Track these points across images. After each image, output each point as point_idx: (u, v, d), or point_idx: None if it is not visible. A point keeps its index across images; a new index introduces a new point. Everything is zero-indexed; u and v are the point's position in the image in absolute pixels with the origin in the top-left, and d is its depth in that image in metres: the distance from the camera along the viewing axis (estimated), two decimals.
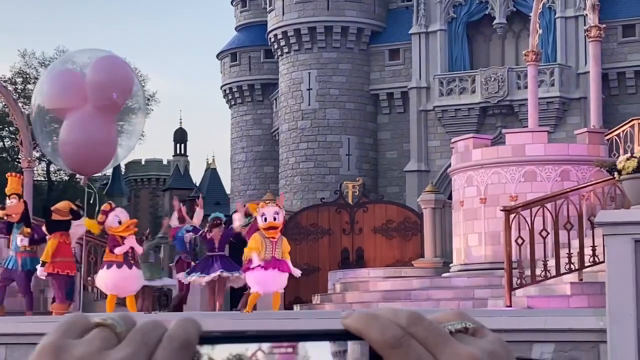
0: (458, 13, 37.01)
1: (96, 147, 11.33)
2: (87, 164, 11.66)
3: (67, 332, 0.84)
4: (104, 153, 11.49)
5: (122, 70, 11.72)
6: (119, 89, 11.30)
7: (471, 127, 34.63)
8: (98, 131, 11.23)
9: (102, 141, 11.30)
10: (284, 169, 39.82)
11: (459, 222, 18.98)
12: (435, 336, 0.85)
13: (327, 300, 19.50)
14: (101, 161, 11.66)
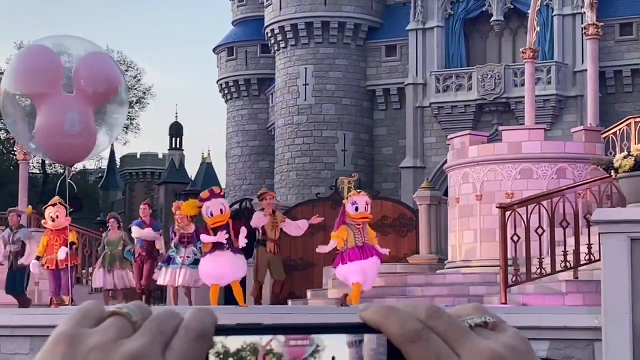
0: (455, 10, 37.00)
1: (77, 137, 11.26)
2: (80, 153, 11.61)
3: (81, 321, 0.83)
4: (84, 143, 11.43)
5: (109, 66, 11.69)
6: (105, 82, 11.25)
7: (467, 124, 34.62)
8: (92, 121, 11.19)
9: (83, 131, 11.24)
10: (279, 164, 39.80)
11: (454, 219, 18.98)
12: (454, 330, 0.84)
13: (321, 296, 19.49)
14: (82, 151, 11.60)
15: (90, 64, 11.24)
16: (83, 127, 10.99)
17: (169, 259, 14.29)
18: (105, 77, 11.29)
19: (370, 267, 13.15)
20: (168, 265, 14.22)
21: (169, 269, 14.18)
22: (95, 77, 11.13)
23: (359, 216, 13.16)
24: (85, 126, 10.97)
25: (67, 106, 11.05)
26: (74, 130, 11.07)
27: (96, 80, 11.15)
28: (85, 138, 11.08)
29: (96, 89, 11.17)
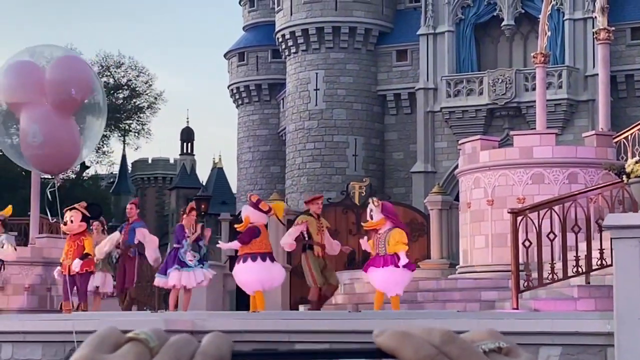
0: (466, 14, 36.98)
1: (61, 146, 11.20)
2: (53, 163, 11.54)
3: (99, 346, 0.83)
4: (69, 152, 11.36)
5: (81, 69, 11.57)
6: (77, 87, 11.11)
7: (478, 129, 34.59)
8: (62, 130, 11.09)
9: (67, 140, 11.16)
10: (290, 169, 39.82)
11: (465, 224, 18.94)
12: (468, 356, 0.84)
13: (331, 301, 19.47)
14: (67, 160, 11.54)
15: (56, 68, 11.11)
16: (46, 138, 10.87)
17: (181, 261, 14.20)
18: (73, 81, 11.08)
19: (385, 276, 13.05)
20: (182, 268, 14.15)
21: (183, 272, 14.10)
22: (61, 82, 10.96)
23: (367, 226, 13.21)
24: (49, 136, 10.85)
25: (32, 117, 10.99)
26: (35, 142, 11.00)
27: (62, 85, 10.96)
28: (50, 148, 10.95)
29: (62, 94, 10.98)
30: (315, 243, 13.90)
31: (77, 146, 11.28)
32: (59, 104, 10.99)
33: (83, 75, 11.38)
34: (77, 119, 11.30)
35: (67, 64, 11.34)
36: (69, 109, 11.13)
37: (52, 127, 10.95)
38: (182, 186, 62.36)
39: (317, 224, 14.07)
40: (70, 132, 11.05)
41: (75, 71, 11.24)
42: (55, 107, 10.99)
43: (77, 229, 14.42)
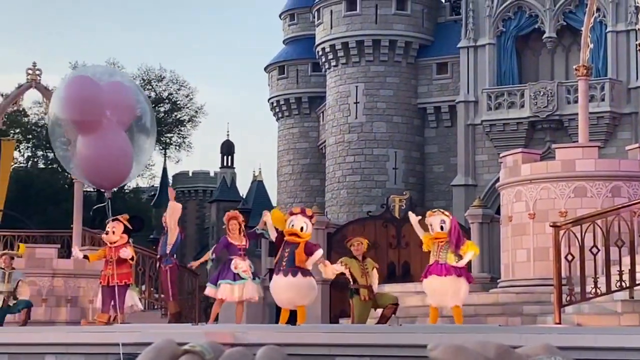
0: (507, 27, 36.83)
1: (116, 161, 11.35)
2: (107, 178, 11.68)
3: (156, 358, 0.84)
4: (122, 168, 11.50)
5: (128, 90, 11.73)
6: (127, 107, 11.31)
7: (519, 142, 34.41)
8: (117, 146, 11.24)
9: (121, 156, 11.31)
10: (330, 182, 39.82)
11: (507, 238, 18.82)
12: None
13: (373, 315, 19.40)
14: (119, 176, 11.67)
15: (108, 91, 11.30)
16: (100, 154, 11.07)
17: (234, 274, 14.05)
18: (123, 104, 11.29)
19: (443, 285, 12.86)
20: (234, 281, 14.01)
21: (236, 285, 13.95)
22: (117, 104, 11.16)
23: (434, 236, 13.03)
24: (103, 153, 11.04)
25: (87, 134, 11.15)
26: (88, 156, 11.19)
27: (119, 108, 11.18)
28: (104, 165, 11.13)
29: (120, 116, 11.19)
30: (360, 286, 13.72)
31: (130, 163, 11.44)
32: (115, 123, 11.19)
33: (129, 99, 11.55)
34: (129, 138, 11.46)
35: (114, 87, 11.50)
36: (122, 127, 11.32)
37: (107, 144, 11.13)
38: (222, 199, 62.59)
39: (360, 266, 13.85)
40: (124, 149, 11.21)
41: (120, 94, 11.41)
42: (112, 126, 11.18)
43: (119, 241, 14.47)
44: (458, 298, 12.98)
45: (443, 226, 12.95)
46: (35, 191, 48.61)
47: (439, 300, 13.04)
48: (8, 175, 31.23)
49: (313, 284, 13.24)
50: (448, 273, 12.80)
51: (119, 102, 11.57)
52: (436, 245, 13.00)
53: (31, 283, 19.01)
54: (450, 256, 12.82)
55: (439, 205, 37.46)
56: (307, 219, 13.18)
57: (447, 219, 13.05)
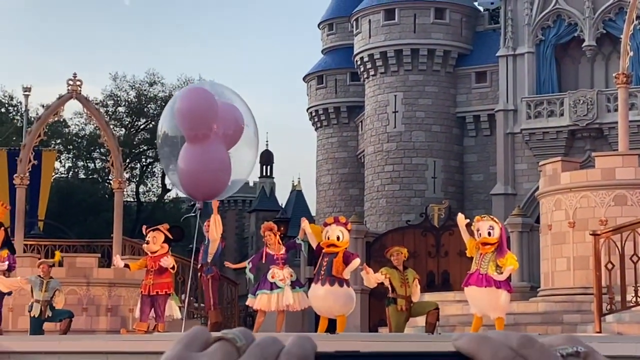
0: (546, 35, 36.64)
1: (216, 174, 11.53)
2: (205, 190, 11.85)
3: (189, 346, 0.87)
4: (222, 181, 11.69)
5: (236, 107, 11.98)
6: (238, 121, 11.55)
7: (559, 150, 34.18)
8: (218, 160, 11.44)
9: (221, 169, 11.49)
10: (369, 191, 39.81)
11: (546, 246, 18.72)
12: (546, 359, 0.85)
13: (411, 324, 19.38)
14: (218, 188, 11.85)
15: (221, 105, 11.53)
16: (225, 166, 11.33)
17: (271, 284, 14.09)
18: (232, 118, 11.54)
19: (483, 296, 12.76)
20: (271, 291, 14.04)
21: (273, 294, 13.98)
22: (226, 118, 11.41)
23: (480, 241, 12.87)
24: (205, 165, 11.28)
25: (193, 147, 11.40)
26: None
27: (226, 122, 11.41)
28: (204, 177, 11.35)
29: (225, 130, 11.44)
30: (398, 296, 13.67)
31: (228, 176, 11.67)
32: (222, 138, 11.42)
33: (235, 113, 11.84)
34: (233, 151, 11.69)
35: (227, 104, 11.78)
36: (229, 143, 11.55)
37: (211, 156, 11.35)
38: (261, 209, 62.74)
39: (400, 276, 13.80)
40: (224, 162, 11.42)
41: (232, 111, 11.68)
42: (217, 140, 11.40)
43: (159, 250, 14.55)
44: (499, 310, 12.90)
45: (491, 232, 12.86)
46: (76, 201, 49.04)
47: (480, 309, 12.97)
48: (49, 185, 31.62)
49: (351, 293, 13.25)
50: (488, 284, 12.73)
51: (228, 117, 11.78)
52: (479, 253, 12.92)
53: (72, 292, 19.21)
54: (491, 266, 12.73)
55: (478, 214, 37.29)
56: (342, 227, 13.20)
57: (497, 225, 12.98)
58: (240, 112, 12.18)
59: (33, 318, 15.81)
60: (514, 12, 37.00)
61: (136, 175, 52.94)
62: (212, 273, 15.41)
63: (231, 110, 11.87)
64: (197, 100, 12.02)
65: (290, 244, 14.55)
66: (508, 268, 12.71)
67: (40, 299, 15.81)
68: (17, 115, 49.77)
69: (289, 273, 14.15)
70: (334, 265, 12.93)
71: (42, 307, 15.79)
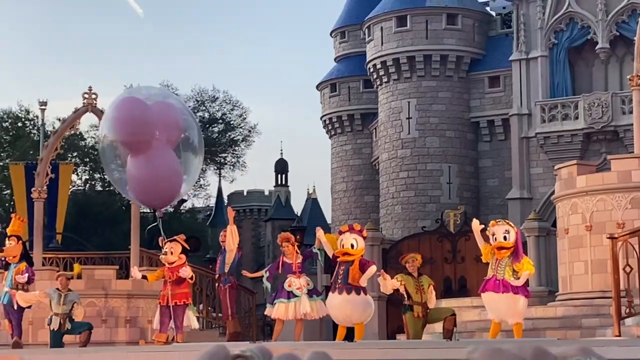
0: (559, 39, 36.60)
1: (165, 182, 11.46)
2: (156, 198, 11.80)
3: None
4: (172, 188, 11.62)
5: (171, 112, 11.85)
6: (178, 128, 11.43)
7: (575, 154, 34.11)
8: (167, 166, 11.35)
9: (170, 176, 11.43)
10: (384, 198, 39.81)
11: (564, 250, 18.68)
12: None
13: (429, 330, 19.36)
14: (169, 196, 11.79)
15: (153, 110, 11.42)
16: (150, 174, 11.20)
17: (287, 293, 14.11)
18: (162, 123, 11.40)
19: (500, 302, 12.73)
20: (288, 300, 14.07)
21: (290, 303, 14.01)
22: (155, 123, 11.29)
23: (497, 245, 12.83)
24: (152, 173, 11.18)
25: (136, 154, 11.28)
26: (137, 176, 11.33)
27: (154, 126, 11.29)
28: (153, 184, 11.26)
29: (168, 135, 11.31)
30: (414, 303, 13.65)
31: (180, 182, 11.56)
32: (164, 142, 11.32)
33: (173, 118, 11.68)
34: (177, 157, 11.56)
35: (160, 106, 11.64)
36: (170, 146, 11.44)
37: (155, 163, 11.25)
38: (277, 217, 62.84)
39: (415, 283, 13.78)
40: (174, 168, 11.32)
41: (164, 114, 11.54)
42: (161, 145, 11.31)
43: (177, 261, 14.59)
44: (517, 315, 12.87)
45: (507, 236, 12.82)
46: (93, 214, 49.21)
47: (497, 315, 12.95)
48: (66, 198, 31.76)
49: (369, 300, 13.27)
50: (505, 290, 12.70)
51: (167, 122, 11.69)
52: (495, 258, 12.89)
53: (90, 304, 19.28)
54: (508, 271, 12.71)
55: (494, 219, 37.23)
56: (356, 234, 13.21)
57: (512, 230, 12.94)
58: (179, 116, 12.04)
59: (52, 331, 15.86)
60: (527, 16, 36.98)
61: None
62: (229, 283, 15.43)
63: (170, 113, 11.75)
64: (129, 109, 11.92)
65: (306, 253, 14.57)
66: (525, 273, 12.67)
67: (59, 312, 15.86)
68: (34, 129, 50.02)
69: (306, 282, 14.17)
70: (350, 274, 12.94)
71: (61, 320, 15.84)
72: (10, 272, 15.67)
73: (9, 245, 15.79)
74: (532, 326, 16.86)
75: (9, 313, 15.75)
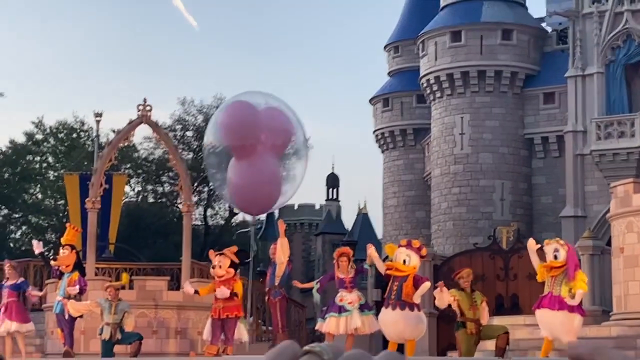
0: (616, 55, 36.19)
1: (265, 188, 11.42)
2: (255, 204, 11.75)
3: (278, 357, 0.87)
4: (272, 194, 11.58)
5: (286, 117, 11.70)
6: (286, 133, 11.32)
7: (630, 172, 33.64)
8: (268, 173, 11.31)
9: (271, 182, 11.38)
10: (435, 213, 39.59)
11: (619, 269, 18.41)
12: None
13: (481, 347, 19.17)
14: (269, 202, 11.73)
15: (266, 117, 11.35)
16: (251, 180, 11.14)
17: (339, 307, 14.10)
18: (279, 129, 11.30)
19: (555, 319, 12.59)
20: (340, 314, 14.06)
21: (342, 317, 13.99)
22: (272, 129, 11.20)
23: (547, 265, 12.77)
24: (253, 179, 11.12)
25: (240, 159, 11.21)
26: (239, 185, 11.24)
27: (272, 133, 11.19)
28: (253, 190, 11.21)
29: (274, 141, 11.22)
30: (467, 319, 13.51)
31: (279, 189, 11.56)
32: (269, 149, 11.30)
33: (287, 124, 11.62)
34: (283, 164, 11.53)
35: (273, 113, 11.58)
36: (276, 154, 11.43)
37: (258, 170, 11.25)
38: (327, 232, 62.83)
39: (468, 299, 13.65)
40: (275, 174, 11.32)
41: (279, 120, 11.49)
42: (265, 152, 11.30)
43: (225, 275, 14.57)
44: (572, 334, 12.71)
45: (557, 255, 12.73)
46: (146, 225, 49.60)
47: (551, 332, 12.80)
48: (119, 209, 32.03)
49: (422, 317, 13.17)
50: (561, 307, 12.57)
51: (274, 127, 11.60)
52: (550, 276, 12.78)
53: (141, 315, 19.37)
54: (564, 289, 12.59)
55: (547, 237, 36.79)
56: (412, 251, 13.13)
57: (562, 248, 12.84)
58: (289, 121, 11.94)
59: (104, 341, 15.95)
60: (583, 32, 36.64)
61: (204, 199, 53.37)
62: (279, 296, 15.45)
63: (279, 119, 11.66)
64: (239, 113, 11.83)
65: (358, 269, 14.53)
66: (579, 292, 12.54)
67: (110, 322, 15.94)
68: (89, 140, 50.58)
69: (358, 296, 14.14)
70: (403, 290, 12.87)
71: (112, 330, 15.92)
72: (64, 281, 15.80)
73: (63, 255, 15.93)
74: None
75: (61, 322, 15.87)
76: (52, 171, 51.54)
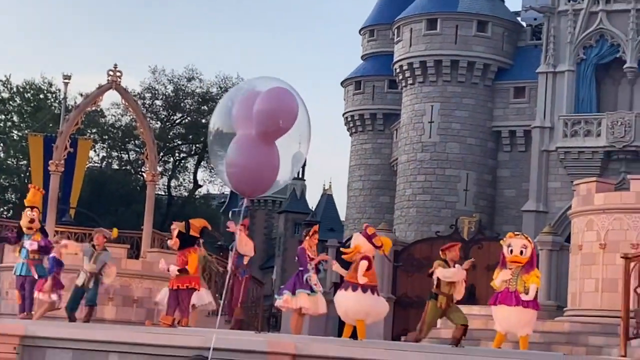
0: (588, 54, 36.42)
1: (262, 171, 11.36)
2: (252, 186, 11.69)
3: None
4: (268, 177, 11.53)
5: (288, 99, 11.54)
6: (284, 117, 11.19)
7: (594, 171, 33.94)
8: (264, 156, 11.24)
9: (267, 165, 11.32)
10: (400, 199, 39.73)
11: (576, 266, 18.61)
12: None
13: (434, 334, 19.30)
14: (265, 185, 11.67)
15: (266, 99, 11.22)
16: (247, 163, 11.11)
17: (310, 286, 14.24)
18: (281, 112, 11.15)
19: (512, 315, 12.71)
20: (312, 292, 14.22)
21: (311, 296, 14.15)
22: (269, 113, 11.08)
23: (512, 258, 12.90)
24: (250, 161, 11.08)
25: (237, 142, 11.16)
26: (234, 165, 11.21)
27: (269, 116, 11.06)
28: (250, 172, 11.18)
29: (269, 125, 11.12)
30: (441, 293, 13.60)
31: (275, 172, 11.49)
32: (264, 133, 11.22)
33: (291, 107, 11.48)
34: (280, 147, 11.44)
35: (276, 95, 11.44)
36: (273, 138, 11.34)
37: (254, 153, 11.17)
38: (291, 210, 62.84)
39: None
40: (271, 158, 11.24)
41: (283, 102, 11.35)
42: (261, 136, 11.22)
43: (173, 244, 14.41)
44: (527, 327, 12.89)
45: (523, 251, 12.87)
46: (108, 191, 49.33)
47: (507, 327, 12.95)
48: (83, 173, 31.81)
49: (378, 300, 13.24)
50: (517, 303, 12.72)
51: (287, 110, 11.48)
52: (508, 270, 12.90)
53: None
54: (520, 283, 12.74)
55: (508, 230, 37.02)
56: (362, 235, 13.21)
57: (529, 245, 12.99)
58: (295, 103, 11.77)
59: (75, 287, 15.52)
60: (557, 29, 36.82)
61: (168, 170, 53.18)
62: (247, 275, 15.89)
63: (288, 101, 11.51)
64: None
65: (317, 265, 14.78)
66: (532, 286, 12.71)
67: (87, 270, 15.47)
68: (55, 102, 50.15)
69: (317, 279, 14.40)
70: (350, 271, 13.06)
71: (85, 279, 15.43)
72: (26, 243, 15.57)
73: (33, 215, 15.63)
74: (539, 339, 16.80)
75: (22, 284, 15.62)
76: (16, 130, 51.03)
